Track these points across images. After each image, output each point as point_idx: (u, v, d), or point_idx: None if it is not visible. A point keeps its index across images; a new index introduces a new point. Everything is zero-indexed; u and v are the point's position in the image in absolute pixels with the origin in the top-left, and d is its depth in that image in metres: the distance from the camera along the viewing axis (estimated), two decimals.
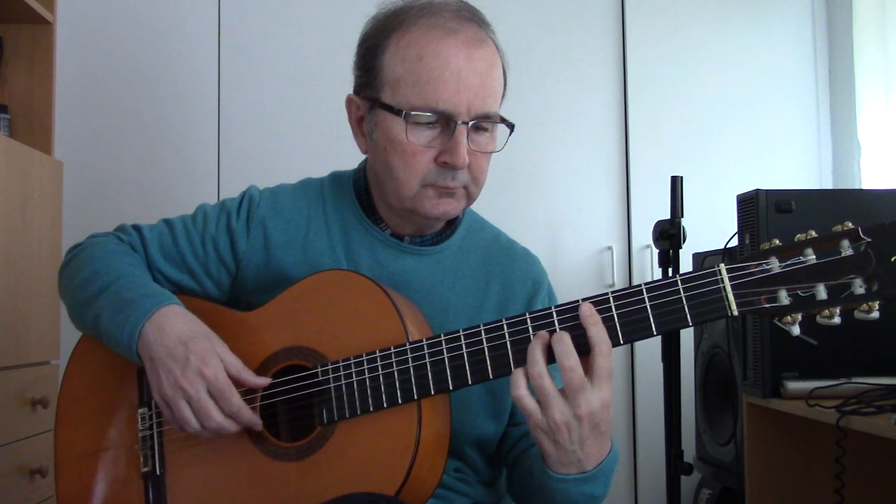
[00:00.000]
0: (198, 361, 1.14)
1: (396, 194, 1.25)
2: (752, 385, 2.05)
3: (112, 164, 2.86)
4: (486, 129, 1.24)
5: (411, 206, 1.25)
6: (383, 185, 1.28)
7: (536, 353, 1.06)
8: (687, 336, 2.58)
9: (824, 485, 1.92)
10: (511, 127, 1.26)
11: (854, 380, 1.88)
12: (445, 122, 1.20)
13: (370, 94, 1.25)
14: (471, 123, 1.20)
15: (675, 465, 2.17)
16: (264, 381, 1.18)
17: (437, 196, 1.23)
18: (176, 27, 2.92)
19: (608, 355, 1.06)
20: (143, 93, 2.89)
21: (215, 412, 1.14)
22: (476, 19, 1.24)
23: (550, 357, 1.07)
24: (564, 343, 1.05)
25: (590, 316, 1.07)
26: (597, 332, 1.06)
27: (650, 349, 2.36)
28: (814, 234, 1.03)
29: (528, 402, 1.07)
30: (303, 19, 2.95)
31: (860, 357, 1.92)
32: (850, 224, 1.02)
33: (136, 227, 1.36)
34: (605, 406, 1.07)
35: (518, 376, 1.07)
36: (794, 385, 1.93)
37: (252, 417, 1.16)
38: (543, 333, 1.08)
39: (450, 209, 1.25)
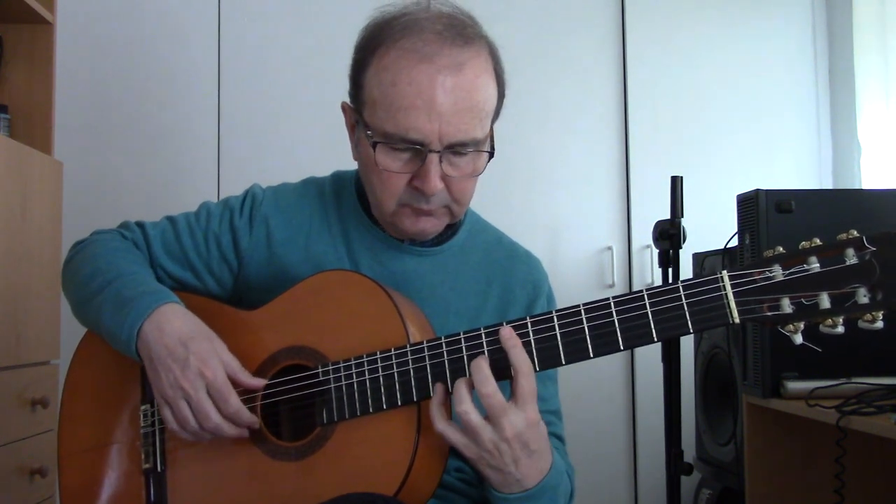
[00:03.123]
0: (198, 362, 1.14)
1: (377, 208, 1.27)
2: (752, 385, 2.05)
3: (112, 164, 2.87)
4: (465, 154, 1.21)
5: (391, 220, 1.26)
6: (369, 197, 1.30)
7: (462, 390, 1.07)
8: (687, 336, 2.57)
9: (824, 485, 1.92)
10: (490, 154, 1.24)
11: (854, 380, 1.88)
12: (418, 151, 1.19)
13: (357, 107, 1.26)
14: (443, 147, 1.18)
15: (675, 465, 2.17)
16: (260, 382, 1.18)
17: (415, 215, 1.24)
18: (176, 27, 2.92)
19: (529, 375, 1.07)
20: (143, 93, 2.89)
21: (214, 413, 1.14)
22: (461, 38, 1.19)
23: (499, 374, 1.08)
24: (482, 372, 1.07)
25: (509, 339, 1.08)
26: (516, 354, 1.07)
27: (650, 349, 2.34)
28: (818, 241, 1.02)
29: (454, 436, 1.08)
30: (303, 19, 2.95)
31: (860, 357, 1.92)
32: (855, 232, 1.01)
33: (140, 224, 1.37)
34: (531, 425, 1.07)
35: (437, 410, 1.08)
36: (794, 385, 1.93)
37: (250, 418, 1.16)
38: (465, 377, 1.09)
39: (429, 227, 1.26)
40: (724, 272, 1.04)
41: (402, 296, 1.21)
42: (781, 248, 1.04)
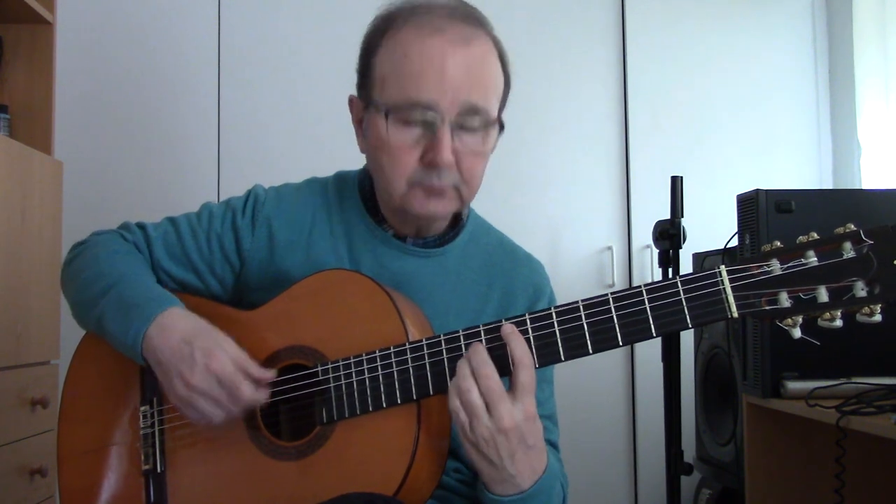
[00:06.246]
0: (203, 357, 1.14)
1: (387, 193, 1.26)
2: (752, 385, 2.05)
3: (112, 164, 2.87)
4: (475, 130, 1.22)
5: (401, 204, 1.25)
6: (377, 184, 1.29)
7: (465, 368, 1.07)
8: (687, 336, 2.58)
9: (824, 485, 1.92)
10: (500, 127, 1.25)
11: (854, 380, 1.88)
12: (429, 122, 1.19)
13: (365, 95, 1.27)
14: (454, 118, 1.19)
15: (675, 465, 2.17)
16: (269, 373, 1.18)
17: (426, 196, 1.23)
18: (176, 27, 2.92)
19: (529, 368, 1.07)
20: (143, 92, 2.89)
21: (229, 401, 1.14)
22: (470, 19, 1.24)
23: (498, 370, 1.08)
24: (480, 355, 1.07)
25: (510, 334, 1.08)
26: (517, 346, 1.07)
27: (650, 349, 2.36)
28: (815, 236, 1.02)
29: (462, 417, 1.08)
30: (303, 19, 2.95)
31: (860, 357, 1.92)
32: (853, 226, 1.01)
33: (141, 226, 1.36)
34: (528, 418, 1.07)
35: (453, 390, 1.08)
36: (794, 385, 1.93)
37: (265, 396, 1.17)
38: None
39: (439, 209, 1.25)
40: (722, 267, 1.04)
41: (402, 295, 1.21)
42: (779, 243, 1.04)
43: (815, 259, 1.01)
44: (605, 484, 2.92)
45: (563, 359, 1.09)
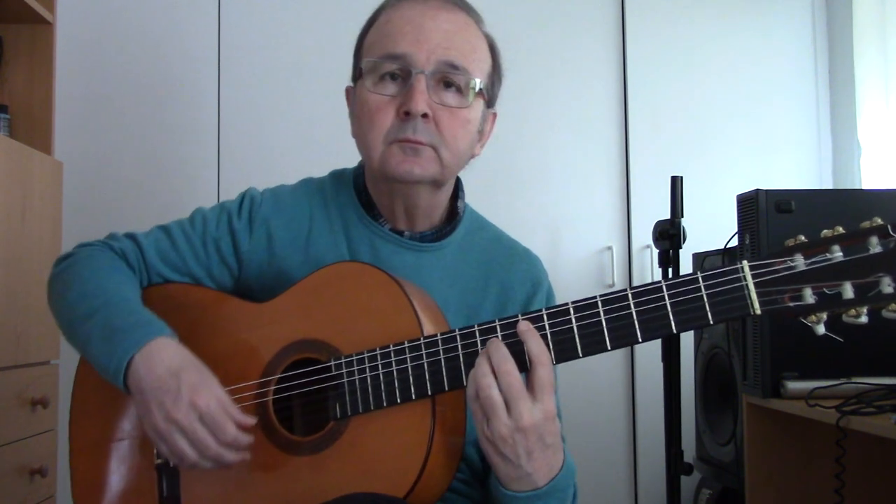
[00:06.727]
0: (189, 392, 1.12)
1: (369, 160, 1.27)
2: (752, 385, 2.05)
3: (112, 164, 2.86)
4: (454, 86, 1.24)
5: (380, 168, 1.25)
6: (364, 161, 1.31)
7: (485, 365, 1.06)
8: (687, 336, 2.58)
9: (824, 485, 1.92)
10: (480, 93, 1.26)
11: (854, 380, 1.88)
12: (405, 72, 1.22)
13: (355, 75, 1.30)
14: (431, 72, 1.21)
15: (675, 465, 2.17)
16: (250, 420, 1.15)
17: (402, 153, 1.23)
18: (176, 27, 2.92)
19: (547, 366, 1.06)
20: (142, 93, 2.89)
21: (212, 441, 1.12)
22: (460, 3, 1.27)
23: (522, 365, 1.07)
24: (501, 351, 1.06)
25: (527, 331, 1.06)
26: (534, 344, 1.06)
27: (650, 349, 2.36)
28: (841, 230, 0.99)
29: (480, 414, 1.06)
30: (302, 19, 2.95)
31: (860, 357, 1.92)
32: (880, 220, 0.98)
33: (130, 235, 1.34)
34: (548, 418, 1.06)
35: (471, 386, 1.07)
36: (794, 385, 1.93)
37: (249, 441, 1.14)
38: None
39: (415, 169, 1.23)
40: (745, 262, 1.01)
41: (416, 287, 1.20)
42: (803, 237, 1.01)
43: (841, 254, 0.98)
44: (605, 484, 2.92)
45: (580, 355, 1.07)
